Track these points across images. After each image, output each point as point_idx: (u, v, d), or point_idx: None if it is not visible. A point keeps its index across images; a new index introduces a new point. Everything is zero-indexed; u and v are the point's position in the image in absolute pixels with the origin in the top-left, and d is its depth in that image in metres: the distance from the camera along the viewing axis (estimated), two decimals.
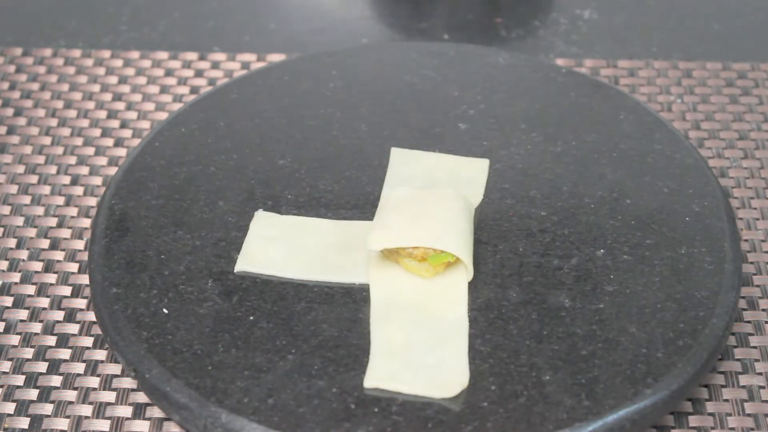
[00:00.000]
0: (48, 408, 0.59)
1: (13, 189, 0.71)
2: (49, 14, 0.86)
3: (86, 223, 0.69)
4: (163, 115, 0.76)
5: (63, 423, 0.58)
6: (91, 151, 0.74)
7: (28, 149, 0.74)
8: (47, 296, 0.64)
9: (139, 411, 0.59)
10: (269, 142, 0.70)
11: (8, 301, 0.64)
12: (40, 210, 0.69)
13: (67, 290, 0.65)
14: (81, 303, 0.64)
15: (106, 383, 0.60)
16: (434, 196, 0.63)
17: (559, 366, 0.57)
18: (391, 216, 0.61)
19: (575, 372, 0.57)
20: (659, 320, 0.59)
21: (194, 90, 0.78)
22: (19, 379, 0.60)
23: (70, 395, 0.60)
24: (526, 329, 0.59)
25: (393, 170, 0.67)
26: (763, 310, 0.64)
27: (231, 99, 0.73)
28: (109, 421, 0.58)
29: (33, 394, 0.60)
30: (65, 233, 0.68)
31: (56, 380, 0.60)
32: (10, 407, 0.59)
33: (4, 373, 0.61)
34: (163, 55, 0.81)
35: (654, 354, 0.57)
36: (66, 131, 0.75)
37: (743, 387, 0.60)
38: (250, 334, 0.59)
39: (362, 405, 0.56)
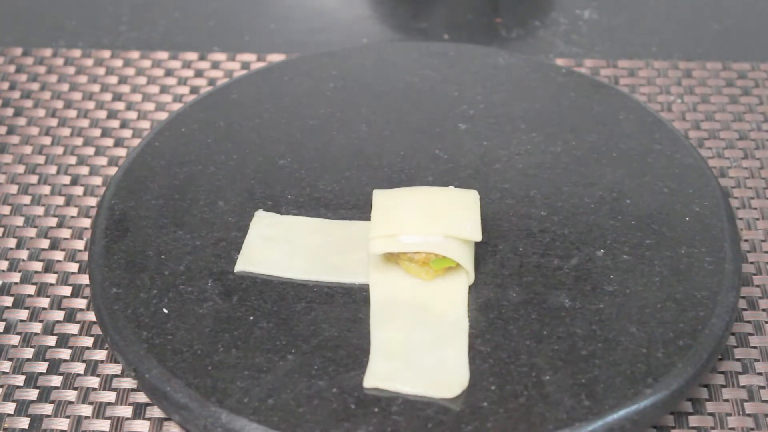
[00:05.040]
0: (48, 408, 0.59)
1: (13, 189, 0.71)
2: (49, 14, 0.86)
3: (86, 223, 0.69)
4: (163, 115, 0.76)
5: (63, 423, 0.58)
6: (91, 151, 0.74)
7: (28, 149, 0.74)
8: (47, 296, 0.64)
9: (139, 411, 0.59)
10: (269, 142, 0.70)
11: (8, 301, 0.64)
12: (40, 210, 0.69)
13: (67, 290, 0.65)
14: (81, 303, 0.64)
15: (106, 383, 0.60)
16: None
17: (559, 366, 0.57)
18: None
19: (575, 372, 0.57)
20: (659, 320, 0.59)
21: (194, 90, 0.78)
22: (19, 379, 0.60)
23: (70, 395, 0.60)
24: (526, 329, 0.59)
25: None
26: (763, 310, 0.64)
27: (231, 99, 0.73)
28: (109, 421, 0.58)
29: (33, 394, 0.60)
30: (65, 233, 0.68)
31: (56, 380, 0.60)
32: (10, 407, 0.59)
33: (4, 373, 0.61)
34: (163, 55, 0.81)
35: (654, 354, 0.57)
36: (66, 131, 0.75)
37: (743, 387, 0.60)
38: (250, 334, 0.59)
39: (362, 405, 0.56)
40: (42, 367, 0.61)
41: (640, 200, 0.66)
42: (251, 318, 0.60)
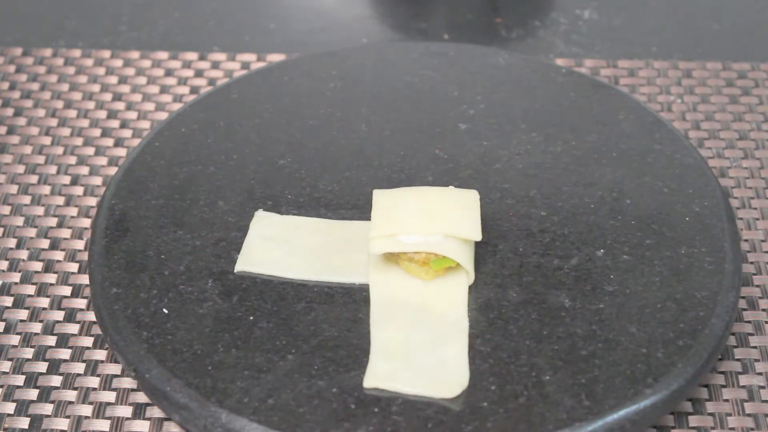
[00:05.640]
0: (48, 408, 0.59)
1: (13, 189, 0.71)
2: (49, 14, 0.86)
3: (86, 223, 0.69)
4: (163, 115, 0.76)
5: (63, 423, 0.58)
6: (91, 151, 0.74)
7: (28, 149, 0.74)
8: (47, 296, 0.64)
9: (139, 411, 0.59)
10: (269, 142, 0.70)
11: (8, 301, 0.64)
12: (40, 210, 0.69)
13: (67, 290, 0.65)
14: (81, 303, 0.64)
15: (106, 383, 0.60)
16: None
17: (559, 366, 0.57)
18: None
19: (575, 372, 0.57)
20: (659, 320, 0.59)
21: (194, 90, 0.78)
22: (19, 379, 0.60)
23: (70, 395, 0.60)
24: (526, 329, 0.59)
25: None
26: (763, 310, 0.64)
27: (231, 99, 0.73)
28: (109, 421, 0.58)
29: (33, 394, 0.60)
30: (65, 233, 0.68)
31: (56, 380, 0.60)
32: (10, 407, 0.59)
33: (4, 373, 0.61)
34: (163, 55, 0.81)
35: (654, 354, 0.57)
36: (66, 131, 0.75)
37: (743, 387, 0.60)
38: (250, 334, 0.59)
39: (362, 405, 0.56)
40: (42, 367, 0.61)
41: (640, 200, 0.66)
42: (251, 318, 0.60)
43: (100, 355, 0.62)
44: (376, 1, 0.89)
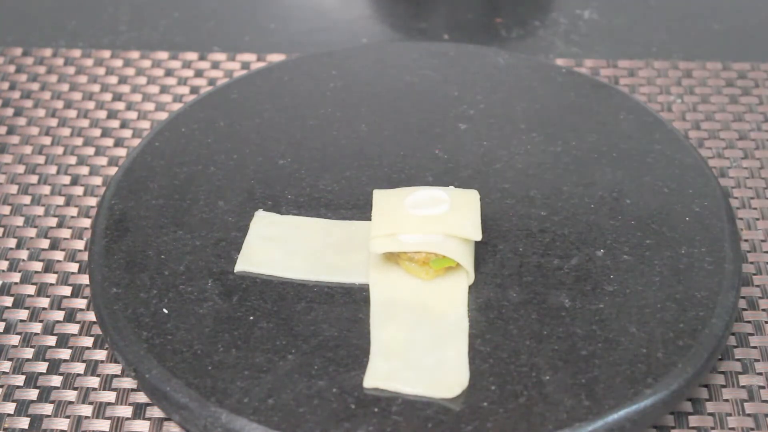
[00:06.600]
0: (48, 408, 0.59)
1: (13, 189, 0.71)
2: (49, 14, 0.86)
3: (86, 223, 0.69)
4: (163, 115, 0.76)
5: (63, 423, 0.58)
6: (91, 151, 0.74)
7: (28, 149, 0.74)
8: (47, 296, 0.64)
9: (139, 411, 0.59)
10: (269, 142, 0.70)
11: (8, 301, 0.64)
12: (40, 210, 0.69)
13: (67, 290, 0.65)
14: (81, 303, 0.64)
15: (106, 383, 0.60)
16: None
17: (559, 366, 0.57)
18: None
19: (575, 372, 0.57)
20: (659, 320, 0.59)
21: (194, 90, 0.78)
22: (19, 379, 0.60)
23: (70, 395, 0.60)
24: (526, 329, 0.59)
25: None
26: (763, 310, 0.64)
27: (231, 99, 0.73)
28: (109, 421, 0.58)
29: (33, 394, 0.60)
30: (65, 233, 0.68)
31: (56, 380, 0.60)
32: (10, 407, 0.59)
33: (4, 373, 0.61)
34: (163, 55, 0.81)
35: (654, 354, 0.57)
36: (66, 131, 0.75)
37: (743, 387, 0.60)
38: (250, 334, 0.59)
39: (362, 405, 0.56)
40: (42, 367, 0.61)
41: (640, 200, 0.66)
42: (251, 318, 0.60)
43: (100, 355, 0.62)
44: (376, 1, 0.89)
